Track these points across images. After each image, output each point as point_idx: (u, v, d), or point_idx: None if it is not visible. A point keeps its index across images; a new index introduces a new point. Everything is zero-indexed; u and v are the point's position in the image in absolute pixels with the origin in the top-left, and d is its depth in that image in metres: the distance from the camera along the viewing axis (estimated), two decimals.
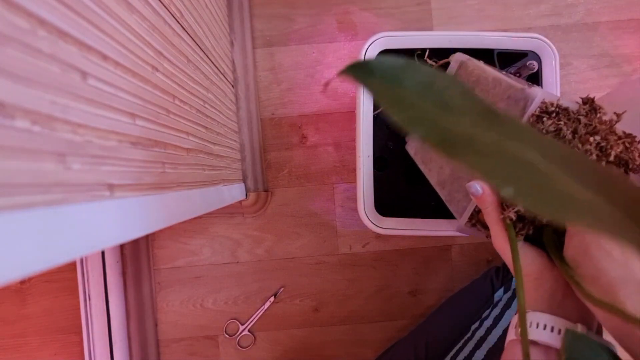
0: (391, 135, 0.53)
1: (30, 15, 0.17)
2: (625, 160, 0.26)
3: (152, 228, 0.28)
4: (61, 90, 0.19)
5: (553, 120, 0.27)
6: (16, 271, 0.15)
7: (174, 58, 0.36)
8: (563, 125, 0.27)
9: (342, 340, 0.69)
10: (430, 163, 0.40)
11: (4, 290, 0.68)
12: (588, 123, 0.27)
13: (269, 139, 0.69)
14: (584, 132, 0.27)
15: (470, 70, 0.37)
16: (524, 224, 0.28)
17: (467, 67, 0.38)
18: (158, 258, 0.69)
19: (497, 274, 0.59)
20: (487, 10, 0.69)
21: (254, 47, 0.68)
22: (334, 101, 0.69)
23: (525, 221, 0.28)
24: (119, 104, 0.25)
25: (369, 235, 0.69)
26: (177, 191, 0.34)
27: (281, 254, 0.69)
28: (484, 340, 0.51)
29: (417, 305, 0.69)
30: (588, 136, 0.26)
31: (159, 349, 0.68)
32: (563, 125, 0.27)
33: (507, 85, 0.31)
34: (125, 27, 0.26)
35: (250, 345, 0.68)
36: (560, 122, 0.27)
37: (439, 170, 0.38)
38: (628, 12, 0.69)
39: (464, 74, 0.38)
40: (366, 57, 0.49)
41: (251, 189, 0.66)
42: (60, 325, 0.68)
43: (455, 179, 0.35)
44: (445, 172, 0.37)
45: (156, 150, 0.31)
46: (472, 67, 0.37)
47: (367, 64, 0.14)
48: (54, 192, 0.18)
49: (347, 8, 0.69)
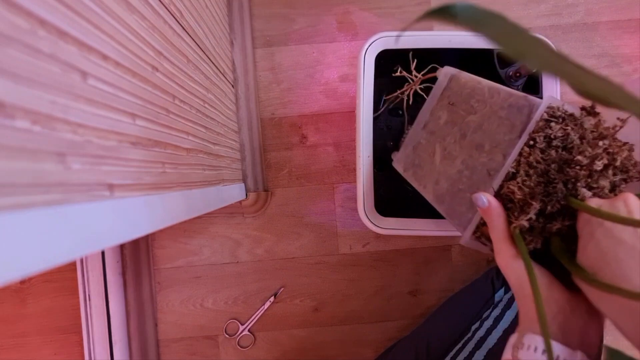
0: (391, 135, 0.53)
1: (30, 15, 0.17)
2: (627, 168, 0.26)
3: (152, 228, 0.28)
4: (61, 90, 0.19)
5: (561, 125, 0.27)
6: (16, 271, 0.15)
7: (174, 58, 0.36)
8: (570, 131, 0.27)
9: (342, 340, 0.69)
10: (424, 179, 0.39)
11: (4, 290, 0.68)
12: (593, 129, 0.27)
13: (269, 139, 0.69)
14: (591, 137, 0.26)
15: (463, 82, 0.37)
16: (533, 236, 0.27)
17: (458, 80, 0.38)
18: (158, 258, 0.69)
19: (497, 275, 0.59)
20: None
21: (254, 47, 0.68)
22: (334, 101, 0.69)
23: (534, 232, 0.27)
24: (119, 104, 0.25)
25: (369, 235, 0.69)
26: (177, 191, 0.34)
27: (281, 254, 0.69)
28: (484, 340, 0.51)
29: (417, 305, 0.69)
30: (597, 141, 0.26)
31: (159, 349, 0.68)
32: (570, 130, 0.27)
33: (507, 94, 0.31)
34: (125, 27, 0.26)
35: (250, 345, 0.68)
36: (568, 127, 0.27)
37: (434, 186, 0.37)
38: (628, 12, 0.69)
39: (455, 87, 0.38)
40: (366, 57, 0.49)
41: (251, 189, 0.66)
42: (60, 325, 0.68)
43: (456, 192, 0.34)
44: (443, 187, 0.36)
45: (156, 150, 0.31)
46: (464, 79, 0.37)
47: (450, 8, 0.16)
48: (54, 192, 0.18)
49: (347, 8, 0.69)
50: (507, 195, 0.28)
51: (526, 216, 0.26)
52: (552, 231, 0.27)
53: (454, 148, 0.35)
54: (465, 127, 0.35)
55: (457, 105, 0.37)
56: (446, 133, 0.37)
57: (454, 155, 0.35)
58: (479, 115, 0.33)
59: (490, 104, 0.33)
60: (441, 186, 0.36)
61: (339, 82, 0.69)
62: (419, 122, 0.42)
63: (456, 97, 0.37)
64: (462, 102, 0.36)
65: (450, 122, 0.37)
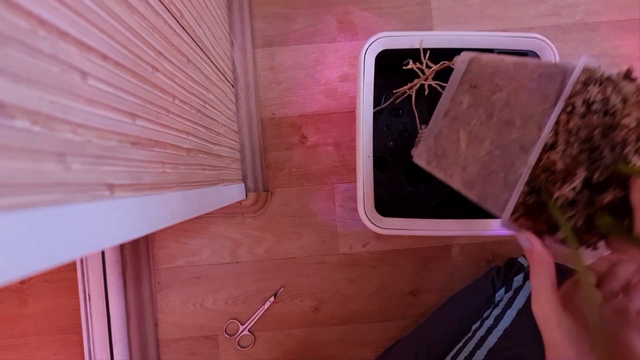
0: (391, 135, 0.53)
1: (30, 15, 0.17)
2: None
3: (152, 228, 0.28)
4: (61, 90, 0.19)
5: (599, 88, 0.25)
6: (16, 271, 0.15)
7: (174, 58, 0.36)
8: (610, 94, 0.25)
9: (342, 340, 0.69)
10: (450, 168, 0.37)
11: (4, 290, 0.68)
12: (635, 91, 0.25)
13: (269, 139, 0.69)
14: (634, 99, 0.24)
15: (485, 62, 0.36)
16: (576, 211, 0.25)
17: (479, 61, 0.37)
18: (158, 258, 0.69)
19: (498, 274, 0.59)
20: (487, 10, 0.69)
21: (254, 47, 0.68)
22: (334, 101, 0.69)
23: (577, 206, 0.25)
24: (119, 104, 0.25)
25: (369, 235, 0.69)
26: (177, 191, 0.34)
27: (281, 254, 0.69)
28: (485, 340, 0.51)
29: (417, 305, 0.69)
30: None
31: (159, 349, 0.68)
32: (610, 93, 0.25)
33: (536, 65, 0.30)
34: (125, 27, 0.26)
35: (250, 345, 0.68)
36: (607, 89, 0.25)
37: (462, 173, 0.35)
38: (628, 12, 0.69)
39: (476, 69, 0.37)
40: (366, 56, 0.49)
41: (251, 189, 0.66)
42: (60, 325, 0.68)
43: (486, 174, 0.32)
44: (472, 172, 0.34)
45: (156, 150, 0.31)
46: (486, 59, 0.36)
47: None
48: (54, 192, 0.18)
49: (347, 8, 0.69)
50: (547, 167, 0.26)
51: (570, 185, 0.24)
52: (603, 204, 0.24)
53: (480, 130, 0.34)
54: (491, 106, 0.34)
55: (480, 86, 0.36)
56: (470, 117, 0.36)
57: (481, 138, 0.34)
58: (505, 92, 0.32)
59: (517, 78, 0.32)
60: (470, 171, 0.34)
61: (339, 82, 0.69)
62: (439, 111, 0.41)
63: (478, 78, 0.36)
64: (485, 82, 0.35)
65: (473, 105, 0.36)
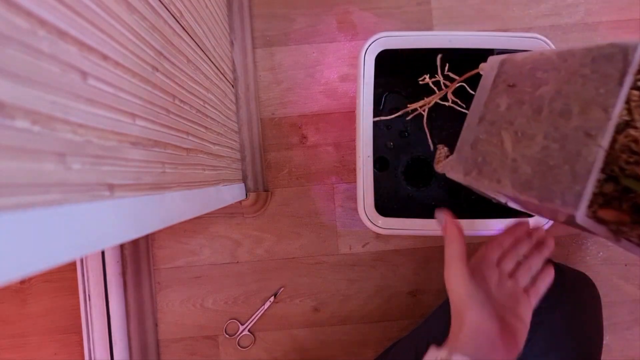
0: (391, 135, 0.53)
1: (30, 15, 0.17)
2: None
3: (153, 228, 0.28)
4: (61, 90, 0.19)
5: None
6: (16, 271, 0.15)
7: (174, 58, 0.36)
8: None
9: (342, 340, 0.69)
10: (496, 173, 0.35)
11: (4, 290, 0.68)
12: None
13: (269, 139, 0.69)
14: None
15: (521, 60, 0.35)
16: None
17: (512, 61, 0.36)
18: (158, 258, 0.69)
19: None
20: (487, 10, 0.69)
21: (254, 47, 0.68)
22: (334, 101, 0.69)
23: None
24: (119, 104, 0.25)
25: (369, 235, 0.69)
26: (177, 191, 0.34)
27: (281, 254, 0.69)
28: None
29: (417, 305, 0.69)
30: None
31: (159, 349, 0.68)
32: None
33: (585, 50, 0.28)
34: (125, 27, 0.26)
35: (250, 345, 0.68)
36: None
37: (512, 175, 0.33)
38: (628, 12, 0.69)
39: (510, 69, 0.36)
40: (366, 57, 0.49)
41: (251, 189, 0.66)
42: (60, 325, 0.68)
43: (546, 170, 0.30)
44: (526, 171, 0.32)
45: (156, 150, 0.31)
46: (521, 57, 0.35)
47: None
48: (54, 192, 0.18)
49: (347, 8, 0.69)
50: (626, 146, 0.26)
51: None
52: None
53: (528, 127, 0.32)
54: (537, 101, 0.32)
55: (519, 84, 0.34)
56: (512, 116, 0.34)
57: (531, 134, 0.32)
58: (553, 84, 0.31)
59: (564, 68, 0.30)
60: (523, 172, 0.32)
61: (339, 82, 0.69)
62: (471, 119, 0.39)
63: (514, 78, 0.35)
64: (525, 79, 0.34)
65: (514, 104, 0.34)
